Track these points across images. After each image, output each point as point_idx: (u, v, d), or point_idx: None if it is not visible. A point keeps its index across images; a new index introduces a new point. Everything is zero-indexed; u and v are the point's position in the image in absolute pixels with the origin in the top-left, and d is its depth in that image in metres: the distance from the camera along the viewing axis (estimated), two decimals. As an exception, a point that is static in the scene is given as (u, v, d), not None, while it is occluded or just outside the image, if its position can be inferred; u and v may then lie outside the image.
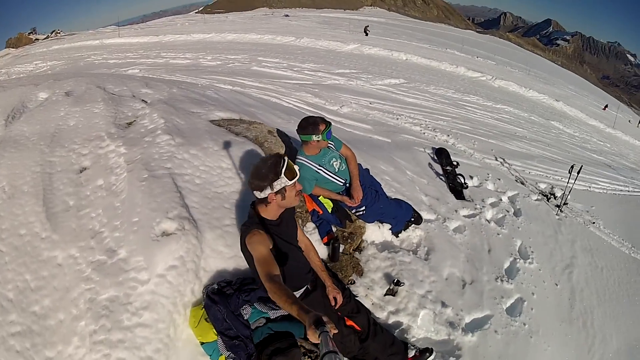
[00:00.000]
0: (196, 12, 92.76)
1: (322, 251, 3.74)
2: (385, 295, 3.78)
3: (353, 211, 4.23)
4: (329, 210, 4.03)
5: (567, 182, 8.84)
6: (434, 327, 3.76)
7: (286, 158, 2.39)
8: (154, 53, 22.24)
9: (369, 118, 8.75)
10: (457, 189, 6.84)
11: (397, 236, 4.75)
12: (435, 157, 7.89)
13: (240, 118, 5.17)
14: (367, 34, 31.06)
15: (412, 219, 4.83)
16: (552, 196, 9.00)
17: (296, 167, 2.42)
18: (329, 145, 3.87)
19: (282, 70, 13.32)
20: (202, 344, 2.60)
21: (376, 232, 4.61)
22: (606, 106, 38.28)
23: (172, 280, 2.67)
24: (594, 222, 8.99)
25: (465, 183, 6.94)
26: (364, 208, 4.15)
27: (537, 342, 4.33)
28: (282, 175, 2.31)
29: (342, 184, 4.03)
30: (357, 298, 3.29)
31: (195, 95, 6.42)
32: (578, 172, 8.62)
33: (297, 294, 2.73)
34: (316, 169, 3.74)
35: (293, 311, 1.82)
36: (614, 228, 9.19)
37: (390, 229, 4.67)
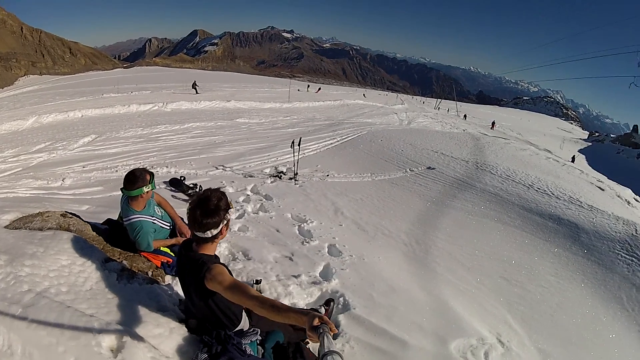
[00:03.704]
0: None
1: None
2: (256, 296, 4.36)
3: None
4: (174, 255, 4.16)
5: (293, 156, 11.53)
6: (306, 292, 4.68)
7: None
8: None
9: (92, 181, 9.06)
10: (210, 204, 7.86)
11: None
12: (173, 188, 8.68)
13: (23, 215, 4.55)
14: (196, 91, 34.34)
15: None
16: (281, 173, 11.38)
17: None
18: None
19: (-15, 166, 11.56)
20: None
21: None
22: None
23: (173, 386, 2.57)
24: (327, 175, 12.03)
25: (213, 196, 8.04)
26: None
27: (371, 259, 5.98)
28: (231, 205, 2.61)
29: (168, 228, 4.28)
30: None
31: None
32: (299, 144, 11.35)
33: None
34: (152, 221, 3.96)
35: (290, 319, 2.05)
36: (347, 170, 12.69)
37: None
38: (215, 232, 2.53)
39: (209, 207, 2.49)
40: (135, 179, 3.70)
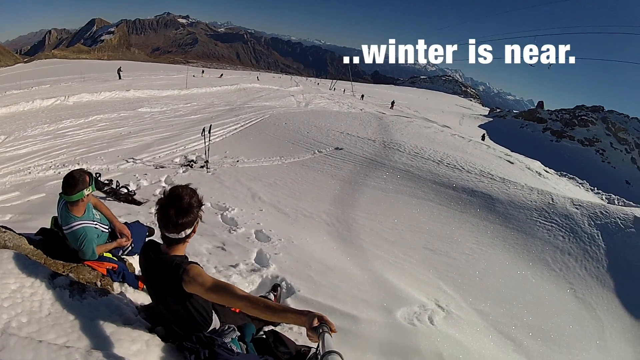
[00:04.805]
0: None
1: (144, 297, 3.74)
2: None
3: (120, 253, 4.17)
4: (117, 260, 3.90)
5: (204, 143, 11.28)
6: (248, 280, 4.68)
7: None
8: None
9: (8, 186, 8.47)
10: (130, 199, 7.69)
11: None
12: (89, 186, 8.27)
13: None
14: (120, 77, 39.03)
15: (148, 233, 5.23)
16: (192, 162, 11.25)
17: None
18: None
19: None
20: None
21: (135, 262, 4.80)
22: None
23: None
24: (237, 161, 12.01)
25: (130, 191, 7.89)
26: (131, 242, 4.19)
27: (299, 242, 6.14)
28: (202, 201, 2.45)
29: (108, 231, 4.00)
30: None
31: None
32: (209, 131, 11.22)
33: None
34: (94, 226, 3.66)
35: (287, 319, 2.01)
36: (256, 155, 12.81)
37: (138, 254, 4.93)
38: (189, 231, 2.38)
39: (183, 205, 2.33)
40: (76, 182, 3.33)
